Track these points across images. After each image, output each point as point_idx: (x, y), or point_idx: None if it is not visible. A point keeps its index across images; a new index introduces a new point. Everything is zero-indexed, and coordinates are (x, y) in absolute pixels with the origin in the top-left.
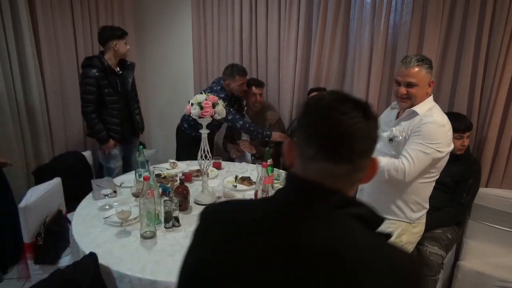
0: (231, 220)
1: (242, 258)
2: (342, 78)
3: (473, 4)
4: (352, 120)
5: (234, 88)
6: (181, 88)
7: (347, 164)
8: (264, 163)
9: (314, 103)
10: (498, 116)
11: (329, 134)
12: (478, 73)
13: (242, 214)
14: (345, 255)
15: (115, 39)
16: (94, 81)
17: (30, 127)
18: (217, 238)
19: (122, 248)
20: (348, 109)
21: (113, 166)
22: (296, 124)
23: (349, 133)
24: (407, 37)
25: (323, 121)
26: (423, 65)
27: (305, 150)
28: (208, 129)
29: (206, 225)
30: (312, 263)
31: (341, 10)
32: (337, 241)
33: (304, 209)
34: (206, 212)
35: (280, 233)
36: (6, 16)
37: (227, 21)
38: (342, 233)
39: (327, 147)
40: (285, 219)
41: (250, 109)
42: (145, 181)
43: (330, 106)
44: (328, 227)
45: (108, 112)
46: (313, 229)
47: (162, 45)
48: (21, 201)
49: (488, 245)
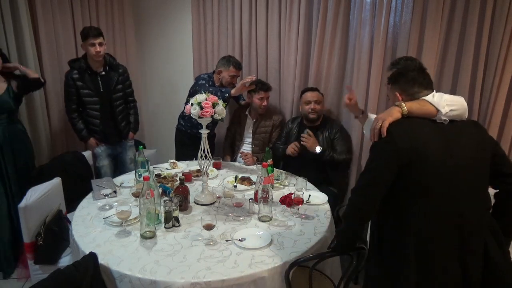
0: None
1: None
2: (342, 78)
3: (473, 4)
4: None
5: (224, 77)
6: (181, 88)
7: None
8: (264, 163)
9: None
10: (498, 116)
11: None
12: (478, 73)
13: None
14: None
15: (82, 41)
16: (72, 82)
17: (30, 127)
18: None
19: (122, 248)
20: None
21: (98, 165)
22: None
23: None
24: (407, 37)
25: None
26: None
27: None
28: (207, 129)
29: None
30: None
31: (341, 10)
32: None
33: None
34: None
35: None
36: (7, 16)
37: (227, 21)
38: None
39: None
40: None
41: (255, 110)
42: (145, 181)
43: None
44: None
45: (87, 112)
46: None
47: (162, 45)
48: (21, 201)
49: None
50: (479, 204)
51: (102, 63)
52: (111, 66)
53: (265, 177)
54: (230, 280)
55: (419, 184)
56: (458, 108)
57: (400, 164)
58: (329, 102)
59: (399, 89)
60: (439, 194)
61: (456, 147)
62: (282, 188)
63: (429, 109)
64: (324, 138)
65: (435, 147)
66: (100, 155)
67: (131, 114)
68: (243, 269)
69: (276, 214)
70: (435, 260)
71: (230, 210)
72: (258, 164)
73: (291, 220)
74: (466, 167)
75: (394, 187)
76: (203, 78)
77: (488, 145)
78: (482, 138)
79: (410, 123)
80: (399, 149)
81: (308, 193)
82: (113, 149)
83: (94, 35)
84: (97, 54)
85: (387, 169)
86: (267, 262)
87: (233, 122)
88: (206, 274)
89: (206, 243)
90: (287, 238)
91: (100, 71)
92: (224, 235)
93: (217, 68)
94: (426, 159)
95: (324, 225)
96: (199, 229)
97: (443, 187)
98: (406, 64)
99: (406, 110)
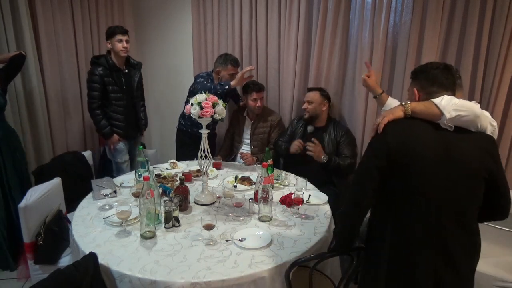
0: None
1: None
2: (342, 78)
3: (473, 4)
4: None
5: (224, 76)
6: (181, 88)
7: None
8: (264, 163)
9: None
10: (498, 116)
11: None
12: (478, 73)
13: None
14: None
15: (108, 39)
16: (99, 78)
17: (30, 127)
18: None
19: (122, 248)
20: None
21: (120, 161)
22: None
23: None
24: (407, 37)
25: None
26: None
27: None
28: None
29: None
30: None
31: (341, 10)
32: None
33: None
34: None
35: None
36: (7, 16)
37: (227, 21)
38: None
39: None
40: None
41: (252, 112)
42: (145, 181)
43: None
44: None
45: (112, 108)
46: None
47: (162, 45)
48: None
49: (489, 245)
50: (464, 223)
51: (124, 61)
52: (131, 64)
53: (265, 177)
54: (230, 280)
55: (410, 186)
56: (468, 114)
57: (391, 163)
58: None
59: (418, 85)
60: (425, 199)
61: (456, 156)
62: (282, 188)
63: (433, 111)
64: (330, 140)
65: (430, 151)
66: (122, 151)
67: (143, 111)
68: (243, 269)
69: (276, 214)
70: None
71: (230, 210)
72: (258, 164)
73: (291, 220)
74: (459, 179)
75: (386, 186)
76: (201, 76)
77: (489, 167)
78: (488, 159)
79: (409, 124)
80: (390, 148)
81: (308, 193)
82: (130, 145)
83: (122, 32)
84: (124, 50)
85: (376, 165)
86: (267, 262)
87: (232, 123)
88: (206, 274)
89: (206, 243)
90: (287, 238)
91: (123, 68)
92: (224, 235)
93: (215, 68)
94: (419, 162)
95: (324, 225)
96: (199, 229)
97: (430, 193)
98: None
99: (409, 110)
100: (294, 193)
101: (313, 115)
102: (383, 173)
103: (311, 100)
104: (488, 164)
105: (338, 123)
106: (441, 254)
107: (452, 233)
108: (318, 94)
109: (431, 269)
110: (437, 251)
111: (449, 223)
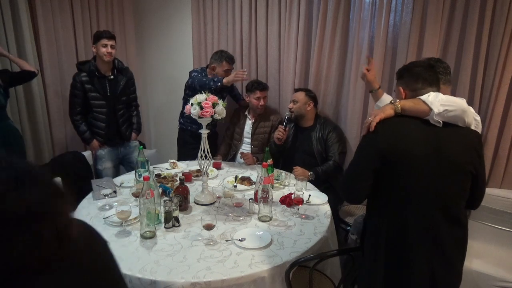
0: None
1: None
2: (342, 78)
3: (473, 4)
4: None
5: (218, 73)
6: (181, 88)
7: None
8: (264, 163)
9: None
10: (498, 116)
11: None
12: (478, 73)
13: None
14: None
15: (94, 43)
16: (79, 85)
17: (30, 127)
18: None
19: (122, 248)
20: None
21: (100, 168)
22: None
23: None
24: (407, 37)
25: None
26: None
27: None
28: (207, 129)
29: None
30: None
31: (341, 10)
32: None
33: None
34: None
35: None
36: (7, 17)
37: (227, 21)
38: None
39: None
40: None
41: (254, 110)
42: (145, 181)
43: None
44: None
45: (92, 115)
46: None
47: (162, 45)
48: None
49: (488, 245)
50: (455, 216)
51: (110, 67)
52: (120, 70)
53: (265, 177)
54: (230, 280)
55: (403, 182)
56: (455, 109)
57: (382, 161)
58: (329, 102)
59: (404, 83)
60: (419, 194)
61: (445, 151)
62: (282, 188)
63: (421, 108)
64: (317, 138)
65: (421, 148)
66: (103, 158)
67: (133, 116)
68: (243, 269)
69: (276, 214)
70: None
71: (230, 210)
72: (258, 164)
73: (291, 220)
74: (450, 174)
75: (378, 184)
76: (195, 71)
77: (475, 162)
78: (475, 154)
79: (399, 122)
80: (381, 146)
81: (308, 193)
82: (116, 152)
83: (108, 36)
84: (108, 55)
85: (367, 164)
86: (267, 262)
87: (233, 122)
88: (206, 274)
89: (206, 243)
90: (287, 238)
91: (109, 74)
92: (224, 235)
93: (211, 63)
94: (411, 159)
95: (324, 225)
96: (199, 229)
97: (423, 189)
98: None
99: (399, 108)
100: (294, 193)
101: (298, 115)
102: (377, 173)
103: (296, 100)
104: (474, 160)
105: (325, 121)
106: (435, 246)
107: (444, 226)
108: (303, 94)
109: (425, 261)
110: (431, 244)
111: (441, 217)
